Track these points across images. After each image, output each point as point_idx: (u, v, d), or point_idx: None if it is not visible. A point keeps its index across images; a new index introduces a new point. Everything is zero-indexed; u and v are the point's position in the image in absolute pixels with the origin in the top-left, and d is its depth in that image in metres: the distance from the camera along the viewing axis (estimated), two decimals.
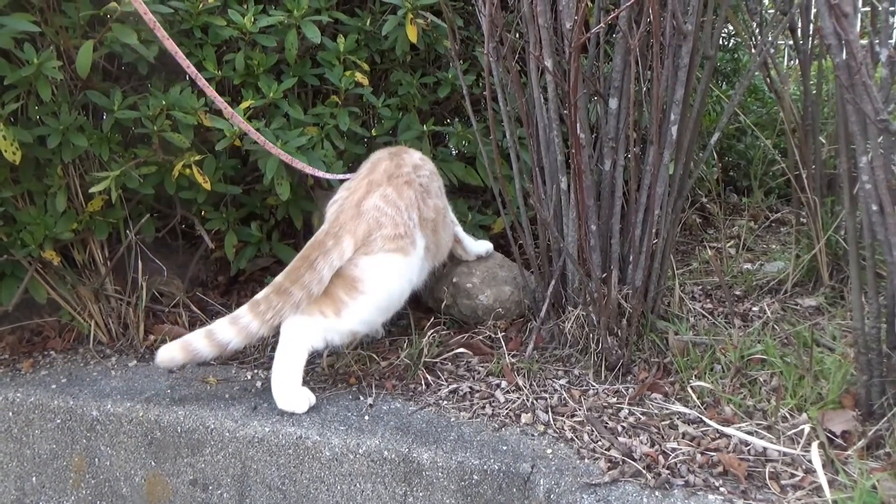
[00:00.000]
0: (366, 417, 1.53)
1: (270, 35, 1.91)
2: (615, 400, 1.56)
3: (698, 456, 1.35)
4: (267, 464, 1.51)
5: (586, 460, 1.36)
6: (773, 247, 2.53)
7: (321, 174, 1.83)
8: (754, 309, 1.96)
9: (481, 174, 2.14)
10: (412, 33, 1.96)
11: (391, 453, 1.42)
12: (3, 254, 1.78)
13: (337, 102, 1.97)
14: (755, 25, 2.37)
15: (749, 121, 2.90)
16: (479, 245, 1.98)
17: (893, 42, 2.07)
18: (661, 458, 1.34)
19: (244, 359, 1.82)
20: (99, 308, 1.90)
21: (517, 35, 1.87)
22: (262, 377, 1.71)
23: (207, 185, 1.81)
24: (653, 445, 1.39)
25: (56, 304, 1.89)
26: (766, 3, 2.70)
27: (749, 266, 2.30)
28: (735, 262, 2.33)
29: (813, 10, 1.98)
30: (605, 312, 1.64)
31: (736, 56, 3.12)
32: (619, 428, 1.45)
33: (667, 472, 1.31)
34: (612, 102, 1.70)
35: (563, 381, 1.64)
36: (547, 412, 1.52)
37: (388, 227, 1.62)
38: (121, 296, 1.91)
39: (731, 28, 3.00)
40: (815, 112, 2.07)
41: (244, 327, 1.53)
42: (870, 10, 1.79)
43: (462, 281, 1.92)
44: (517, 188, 1.86)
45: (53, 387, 1.70)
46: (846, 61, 1.25)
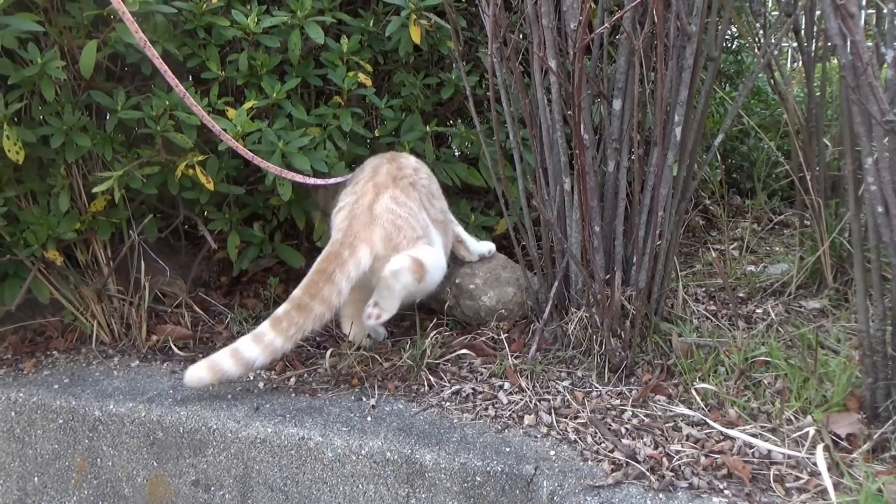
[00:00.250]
0: (368, 418, 1.52)
1: (274, 35, 1.91)
2: (618, 402, 1.55)
3: (702, 458, 1.34)
4: (269, 465, 1.50)
5: (590, 462, 1.35)
6: (777, 249, 2.52)
7: (313, 181, 1.82)
8: (758, 311, 1.95)
9: (484, 175, 2.14)
10: (415, 34, 1.96)
11: (394, 454, 1.42)
12: (7, 254, 1.78)
13: (340, 103, 1.96)
14: (759, 27, 2.37)
15: (753, 123, 2.90)
16: (482, 245, 1.97)
17: None
18: (664, 460, 1.34)
19: None
20: (101, 308, 1.90)
21: (521, 36, 1.87)
22: (264, 378, 1.71)
23: (210, 186, 1.81)
24: (656, 447, 1.38)
25: (59, 304, 1.89)
26: (770, 4, 2.70)
27: (753, 268, 2.29)
28: (738, 265, 2.32)
29: (817, 12, 1.98)
30: (609, 314, 1.64)
31: (740, 58, 3.11)
32: (623, 430, 1.45)
33: (671, 474, 1.30)
34: (616, 103, 1.69)
35: (566, 383, 1.64)
36: (550, 414, 1.51)
37: (406, 229, 1.67)
38: (123, 296, 1.91)
39: (735, 30, 2.99)
40: (819, 114, 2.07)
41: (269, 344, 1.55)
42: (875, 11, 1.79)
43: (465, 282, 1.92)
44: (520, 189, 1.86)
45: (56, 387, 1.70)
46: (852, 62, 1.25)
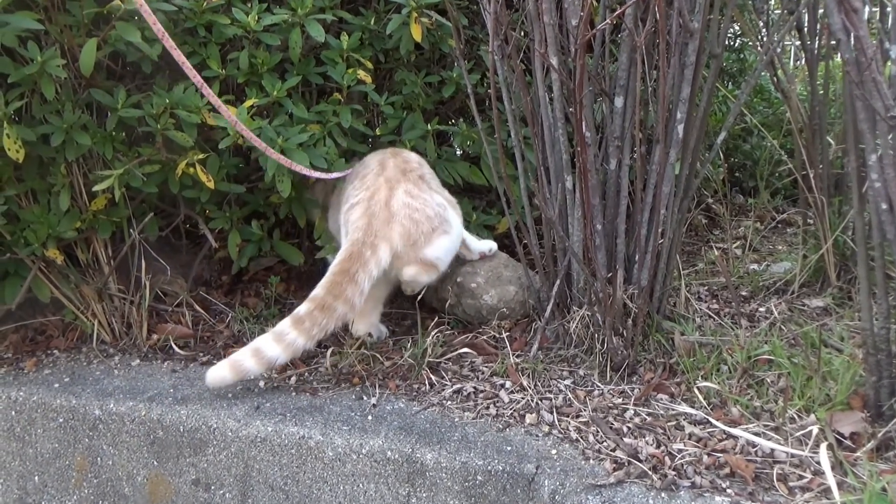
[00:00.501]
0: (369, 417, 1.52)
1: (274, 33, 1.91)
2: (620, 400, 1.54)
3: (705, 457, 1.33)
4: (269, 464, 1.50)
5: (591, 461, 1.34)
6: (780, 247, 2.51)
7: (319, 174, 1.82)
8: (761, 309, 1.94)
9: (486, 174, 2.13)
10: (416, 32, 1.96)
11: (394, 453, 1.41)
12: (7, 252, 1.78)
13: (339, 100, 1.96)
14: (762, 25, 2.36)
15: (756, 121, 2.89)
16: (483, 243, 1.96)
17: None
18: (667, 459, 1.33)
19: None
20: (102, 307, 1.90)
21: (522, 33, 1.86)
22: (264, 376, 1.70)
23: (211, 184, 1.81)
24: (659, 446, 1.38)
25: (59, 303, 1.89)
26: (773, 2, 2.69)
27: (755, 266, 2.29)
28: (741, 263, 2.31)
29: (820, 10, 1.97)
30: (611, 312, 1.63)
31: (742, 56, 3.10)
32: (625, 429, 1.44)
33: (673, 473, 1.29)
34: (618, 101, 1.69)
35: (567, 382, 1.63)
36: (552, 413, 1.51)
37: (423, 223, 1.69)
38: (124, 295, 1.91)
39: (737, 28, 2.98)
40: (823, 112, 2.06)
41: (290, 343, 1.57)
42: (878, 8, 1.78)
43: (466, 281, 1.91)
44: (522, 188, 1.85)
45: (56, 386, 1.70)
46: (856, 57, 1.24)
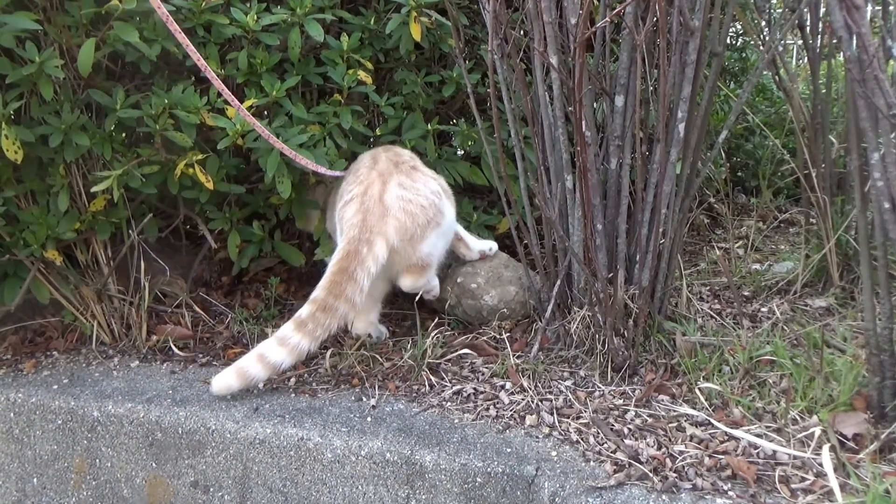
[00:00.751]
0: (368, 419, 1.51)
1: (274, 33, 1.90)
2: (621, 402, 1.53)
3: (706, 459, 1.32)
4: (268, 465, 1.49)
5: (592, 463, 1.34)
6: (782, 247, 2.50)
7: (323, 171, 1.82)
8: (763, 310, 1.93)
9: (486, 174, 2.13)
10: (416, 32, 1.95)
11: (394, 455, 1.40)
12: (6, 253, 1.77)
13: (340, 101, 1.95)
14: (763, 23, 2.35)
15: (758, 120, 2.88)
16: (483, 243, 1.96)
17: None
18: (668, 461, 1.32)
19: None
20: (102, 308, 1.90)
21: (522, 32, 1.85)
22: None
23: (210, 185, 1.80)
24: (660, 448, 1.37)
25: (59, 304, 1.88)
26: (775, 0, 2.67)
27: (758, 266, 2.27)
28: (743, 263, 2.30)
29: (822, 9, 1.96)
30: (612, 313, 1.62)
31: (744, 55, 3.09)
32: (626, 430, 1.43)
33: (674, 475, 1.28)
34: (619, 100, 1.68)
35: (568, 383, 1.62)
36: (552, 414, 1.50)
37: (418, 215, 1.68)
38: (124, 296, 1.90)
39: (738, 27, 2.97)
40: (825, 110, 2.05)
41: (295, 347, 1.57)
42: (881, 7, 1.77)
43: (466, 281, 1.90)
44: (522, 187, 1.84)
45: (55, 387, 1.69)
46: (857, 55, 1.23)
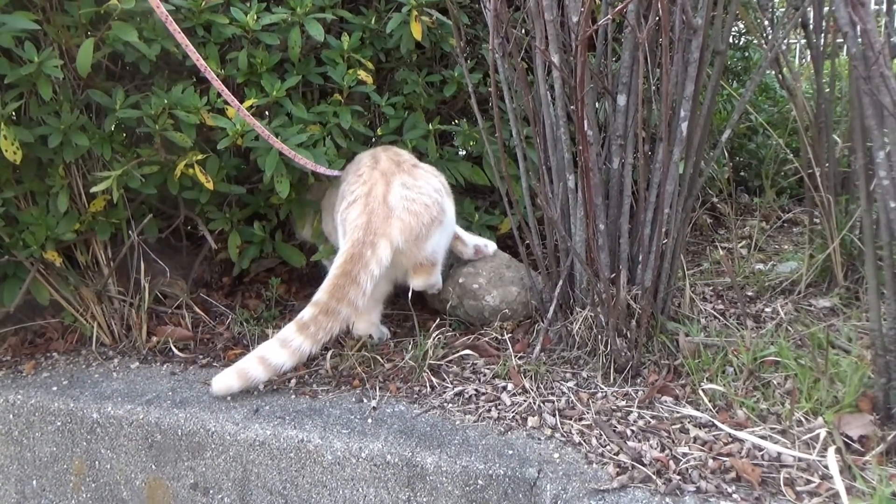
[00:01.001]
0: (369, 420, 1.50)
1: (274, 33, 1.89)
2: (624, 403, 1.52)
3: (710, 461, 1.31)
4: (268, 467, 1.48)
5: (594, 465, 1.32)
6: (786, 247, 2.49)
7: (323, 170, 1.81)
8: (767, 310, 1.92)
9: (488, 173, 2.11)
10: (417, 31, 1.94)
11: (394, 457, 1.39)
12: (5, 255, 1.76)
13: (340, 101, 1.94)
14: (766, 22, 2.34)
15: (761, 119, 2.86)
16: (478, 238, 1.95)
17: None
18: (671, 463, 1.31)
19: None
20: (102, 309, 1.89)
21: (523, 31, 1.84)
22: None
23: (210, 185, 1.79)
24: (663, 450, 1.35)
25: (59, 305, 1.87)
26: None
27: (761, 266, 2.26)
28: (747, 263, 2.29)
29: (825, 7, 1.94)
30: (614, 313, 1.61)
31: (747, 54, 3.07)
32: (629, 432, 1.42)
33: (678, 477, 1.27)
34: (621, 99, 1.66)
35: (570, 384, 1.61)
36: (554, 415, 1.49)
37: (423, 214, 1.67)
38: (124, 297, 1.90)
39: (741, 25, 2.96)
40: (829, 109, 2.03)
41: (297, 349, 1.56)
42: (885, 2, 1.76)
43: (468, 282, 1.89)
44: (524, 187, 1.83)
45: (54, 389, 1.69)
46: (863, 51, 1.22)
